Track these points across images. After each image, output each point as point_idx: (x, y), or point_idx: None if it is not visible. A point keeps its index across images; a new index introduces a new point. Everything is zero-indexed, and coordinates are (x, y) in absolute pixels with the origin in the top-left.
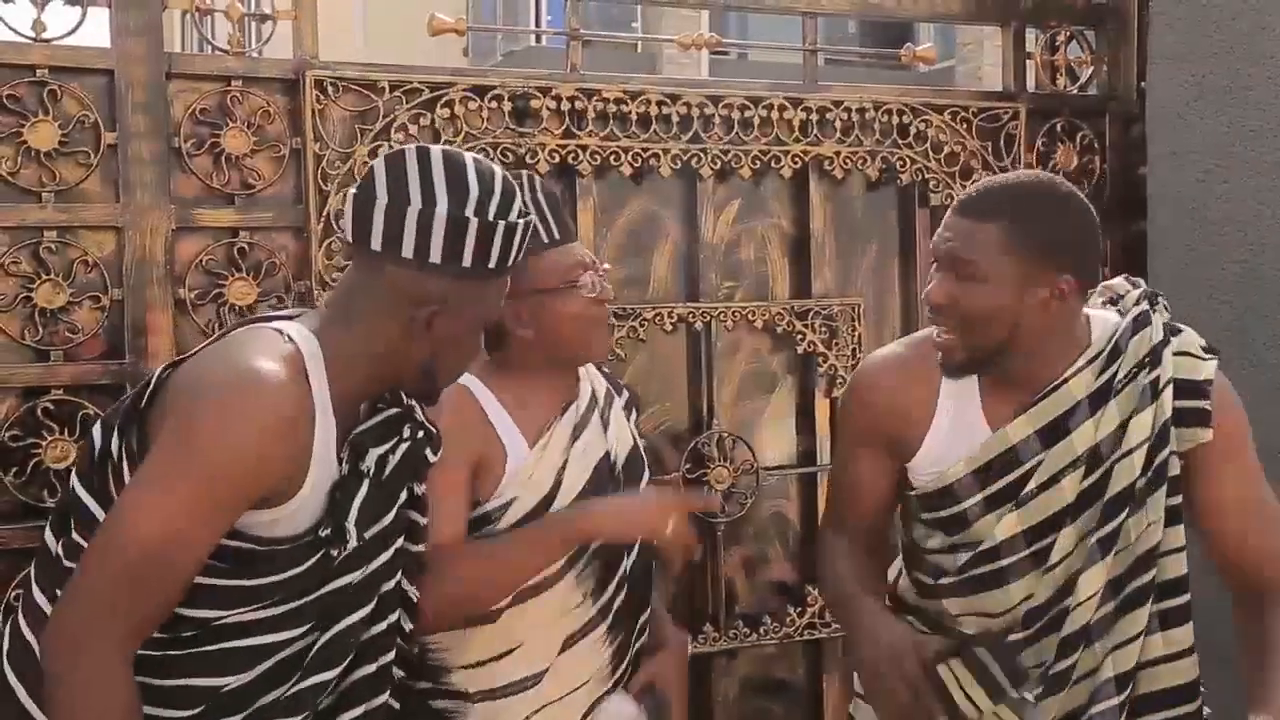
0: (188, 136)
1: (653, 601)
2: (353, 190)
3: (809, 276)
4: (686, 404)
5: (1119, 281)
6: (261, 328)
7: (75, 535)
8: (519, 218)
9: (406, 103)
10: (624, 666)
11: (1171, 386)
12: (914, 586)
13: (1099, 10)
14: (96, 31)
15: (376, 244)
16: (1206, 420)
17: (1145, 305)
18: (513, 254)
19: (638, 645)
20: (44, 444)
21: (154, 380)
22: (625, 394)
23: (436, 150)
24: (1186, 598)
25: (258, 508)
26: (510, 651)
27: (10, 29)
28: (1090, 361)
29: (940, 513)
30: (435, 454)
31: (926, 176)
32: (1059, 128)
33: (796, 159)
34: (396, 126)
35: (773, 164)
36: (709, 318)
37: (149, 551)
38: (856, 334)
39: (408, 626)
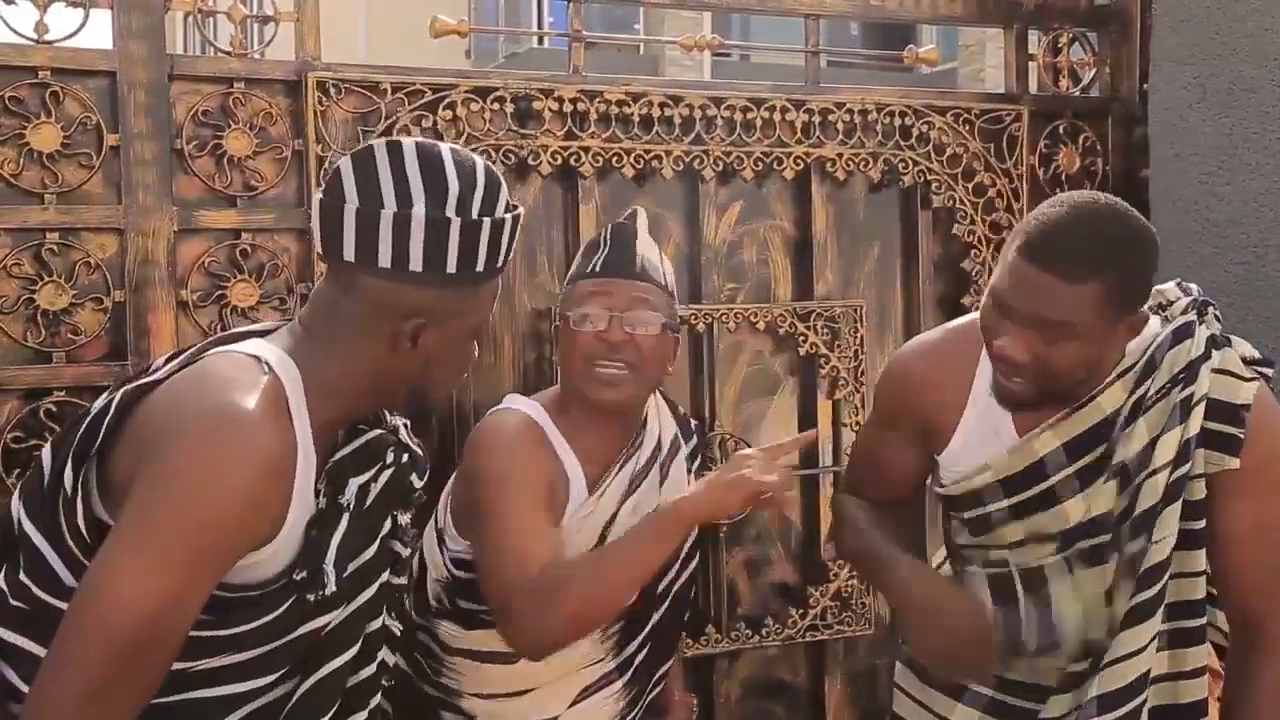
0: (190, 138)
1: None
2: (319, 195)
3: (811, 278)
4: (689, 405)
5: (1170, 287)
6: (235, 353)
7: (24, 576)
8: (505, 212)
9: (409, 104)
10: (633, 716)
11: (1204, 405)
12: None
13: (1101, 12)
14: (99, 33)
15: (350, 254)
16: (1235, 448)
17: (1192, 315)
18: (502, 253)
19: (651, 695)
20: (46, 446)
21: (114, 406)
22: (694, 439)
23: (409, 144)
24: (1202, 620)
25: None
26: (525, 692)
27: (13, 30)
28: (1121, 375)
29: (964, 513)
30: (422, 479)
31: (929, 178)
32: (1061, 129)
33: (799, 160)
34: (399, 128)
35: (775, 165)
36: (711, 319)
37: (143, 623)
38: (859, 336)
39: (390, 662)
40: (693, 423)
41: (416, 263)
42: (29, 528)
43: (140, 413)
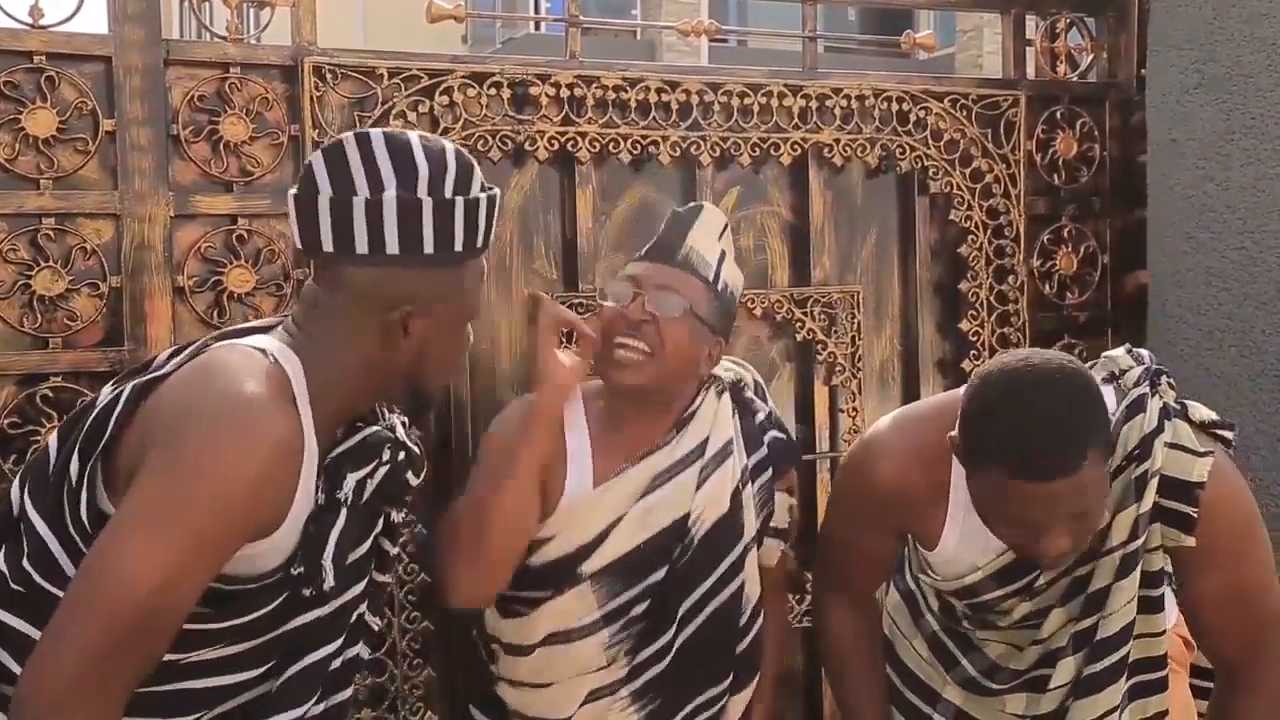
0: (186, 123)
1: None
2: (293, 191)
3: (808, 264)
4: None
5: (1121, 355)
6: (240, 345)
7: (26, 563)
8: (480, 192)
9: (405, 90)
10: None
11: (1158, 480)
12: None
13: None
14: (94, 18)
15: (328, 244)
16: (1190, 526)
17: (1144, 388)
18: (480, 232)
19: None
20: (43, 431)
21: (123, 400)
22: (763, 450)
23: (377, 133)
24: (1164, 671)
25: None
26: (544, 686)
27: (8, 15)
28: None
29: (958, 600)
30: (418, 477)
31: (926, 164)
32: (1059, 115)
33: (796, 146)
34: (395, 113)
35: (772, 151)
36: None
37: (144, 603)
38: (856, 322)
39: (365, 655)
40: (770, 435)
41: (393, 245)
42: (33, 515)
43: (148, 407)
